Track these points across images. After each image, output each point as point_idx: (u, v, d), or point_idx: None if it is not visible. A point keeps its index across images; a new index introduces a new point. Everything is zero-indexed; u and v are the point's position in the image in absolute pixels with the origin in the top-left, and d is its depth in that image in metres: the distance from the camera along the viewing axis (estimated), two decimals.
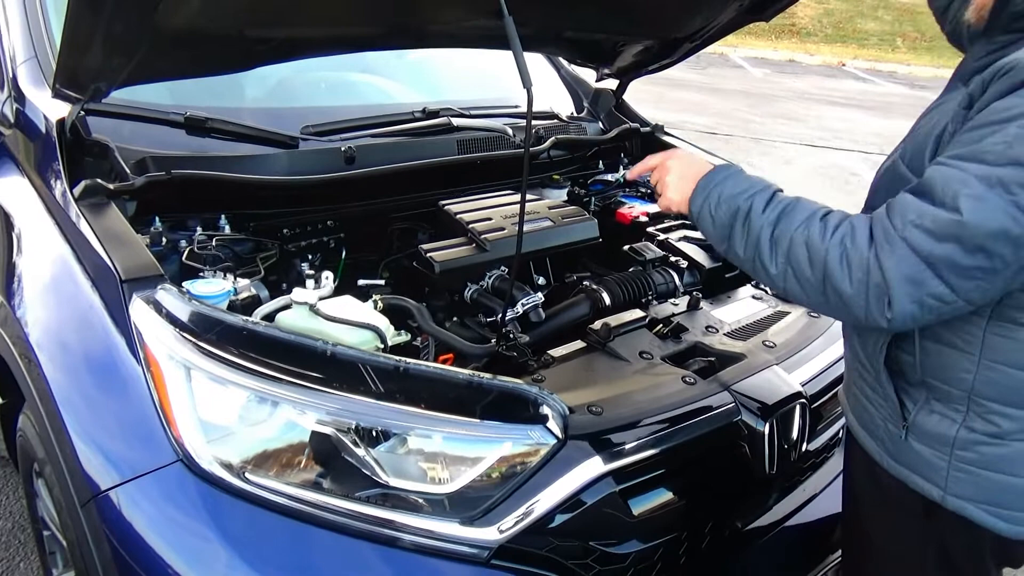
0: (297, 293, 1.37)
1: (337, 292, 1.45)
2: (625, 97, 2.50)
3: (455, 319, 1.63)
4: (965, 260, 0.89)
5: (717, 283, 1.81)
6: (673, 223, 2.01)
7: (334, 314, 1.35)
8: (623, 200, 2.11)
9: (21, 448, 1.58)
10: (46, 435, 1.29)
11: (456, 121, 1.95)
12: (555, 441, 1.19)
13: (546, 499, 1.17)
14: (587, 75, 2.61)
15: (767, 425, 1.36)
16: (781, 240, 1.02)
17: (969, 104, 0.96)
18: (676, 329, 1.56)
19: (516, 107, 2.27)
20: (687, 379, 1.38)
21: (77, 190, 1.42)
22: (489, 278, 1.64)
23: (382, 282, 1.65)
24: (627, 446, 1.23)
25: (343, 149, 1.75)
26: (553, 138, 2.11)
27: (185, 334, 1.18)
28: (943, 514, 1.08)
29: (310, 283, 1.44)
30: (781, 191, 1.10)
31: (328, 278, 1.47)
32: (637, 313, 1.60)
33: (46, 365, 1.29)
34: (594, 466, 1.20)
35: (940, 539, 1.12)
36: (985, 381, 1.02)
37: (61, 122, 1.49)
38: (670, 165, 1.22)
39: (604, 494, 1.22)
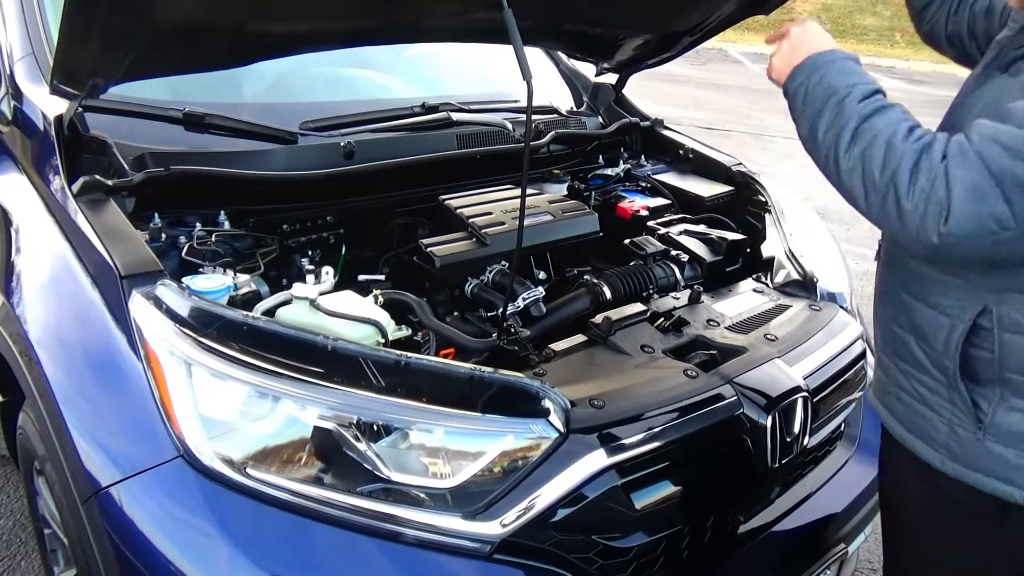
0: (297, 288, 1.36)
1: (337, 288, 1.45)
2: (624, 92, 2.49)
3: (455, 314, 1.62)
4: None
5: (718, 277, 1.81)
6: (674, 217, 2.01)
7: (335, 309, 1.34)
8: (623, 194, 2.10)
9: (21, 446, 1.57)
10: (46, 432, 1.28)
11: (455, 116, 1.94)
12: (557, 435, 1.18)
13: (548, 493, 1.16)
14: (586, 69, 2.61)
15: (769, 418, 1.35)
16: (864, 134, 1.00)
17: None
18: (677, 323, 1.56)
19: (515, 102, 2.26)
20: (689, 372, 1.38)
21: (76, 186, 1.41)
22: (489, 272, 1.63)
23: (382, 277, 1.64)
24: (629, 439, 1.23)
25: (342, 144, 1.74)
26: (553, 132, 2.10)
27: (185, 330, 1.17)
28: (1021, 517, 1.04)
29: (310, 278, 1.43)
30: (883, 92, 1.06)
31: (328, 273, 1.46)
32: (638, 307, 1.60)
33: (46, 362, 1.29)
34: (596, 460, 1.19)
35: (1016, 544, 1.07)
36: None
37: (59, 119, 1.48)
38: (792, 31, 1.18)
39: (606, 488, 1.21)
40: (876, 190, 0.97)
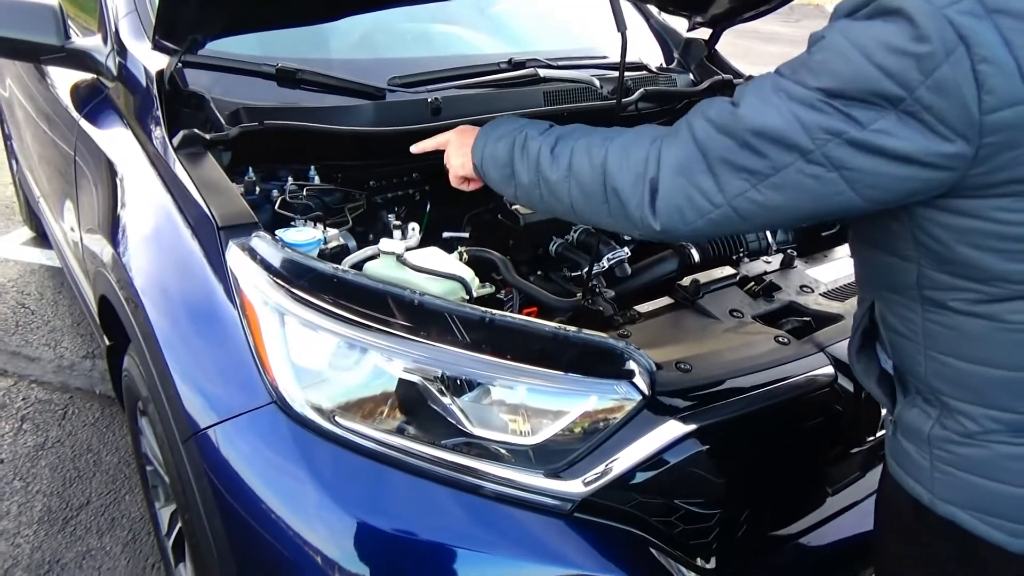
0: (384, 243, 1.38)
1: (422, 244, 1.46)
2: (716, 48, 2.39)
3: (539, 273, 1.61)
4: (734, 156, 0.84)
5: (813, 241, 1.73)
6: None
7: (421, 265, 1.35)
8: None
9: (126, 387, 1.66)
10: (150, 376, 1.35)
11: (543, 72, 1.91)
12: (641, 397, 1.16)
13: (631, 455, 1.15)
14: (677, 25, 2.51)
15: (865, 391, 1.29)
16: (562, 151, 1.00)
17: None
18: (768, 287, 1.50)
19: (603, 58, 2.20)
20: (780, 339, 1.33)
21: (176, 140, 1.46)
22: (574, 232, 1.61)
23: (466, 235, 1.64)
24: (716, 405, 1.20)
25: (429, 100, 1.73)
26: (642, 90, 2.04)
27: (279, 280, 1.20)
28: (935, 520, 0.96)
29: (397, 234, 1.45)
30: (555, 126, 1.08)
31: (415, 229, 1.47)
32: (727, 270, 1.55)
33: (150, 309, 1.35)
34: (681, 424, 1.17)
35: (929, 546, 0.99)
36: (935, 374, 0.92)
37: (160, 74, 1.52)
38: (449, 138, 1.24)
39: (690, 453, 1.19)
40: (594, 192, 0.96)
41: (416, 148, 1.36)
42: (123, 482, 2.23)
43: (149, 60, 1.63)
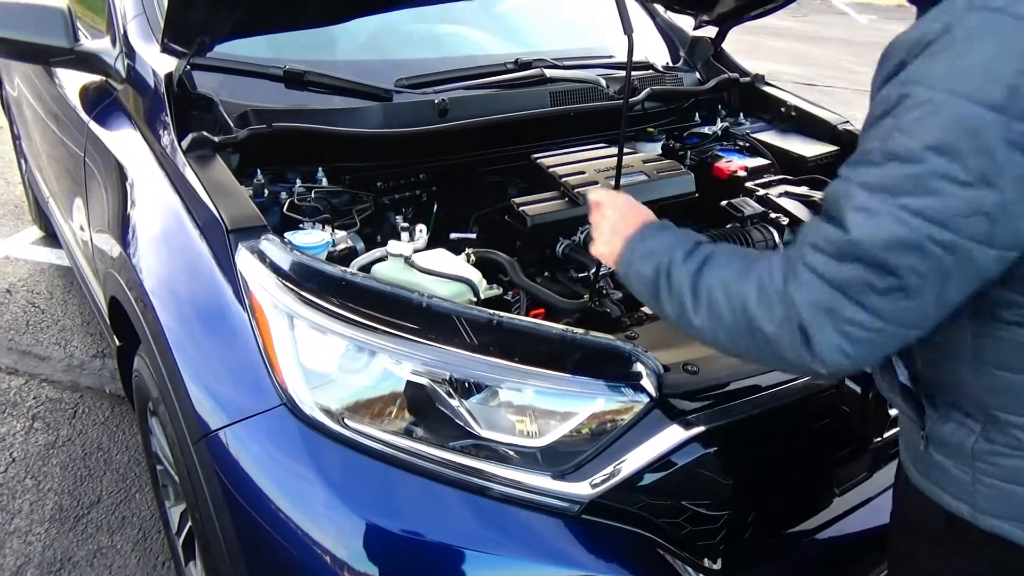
0: (392, 245, 1.39)
1: (429, 245, 1.46)
2: (723, 46, 2.39)
3: (545, 274, 1.61)
4: (873, 279, 0.76)
5: None
6: (774, 177, 1.92)
7: (428, 267, 1.36)
8: (720, 154, 2.03)
9: (137, 388, 1.68)
10: (160, 376, 1.36)
11: (549, 72, 1.91)
12: (649, 399, 1.17)
13: (638, 457, 1.15)
14: (683, 23, 2.51)
15: (872, 391, 1.30)
16: (701, 289, 0.91)
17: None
18: None
19: (609, 57, 2.20)
20: None
21: (185, 143, 1.47)
22: (581, 233, 1.61)
23: (474, 236, 1.65)
24: (723, 407, 1.20)
25: (436, 102, 1.74)
26: (648, 89, 2.04)
27: (288, 283, 1.21)
28: (973, 533, 0.92)
29: (404, 235, 1.45)
30: (705, 241, 0.99)
31: (422, 231, 1.48)
32: None
33: (159, 310, 1.36)
34: (689, 426, 1.18)
35: (965, 561, 0.97)
36: (986, 388, 0.88)
37: (169, 76, 1.53)
38: (608, 214, 1.13)
39: (698, 455, 1.19)
40: (740, 333, 0.87)
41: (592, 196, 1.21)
42: (133, 481, 2.25)
43: (158, 62, 1.64)
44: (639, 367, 1.18)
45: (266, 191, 1.51)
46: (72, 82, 2.11)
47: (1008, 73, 0.68)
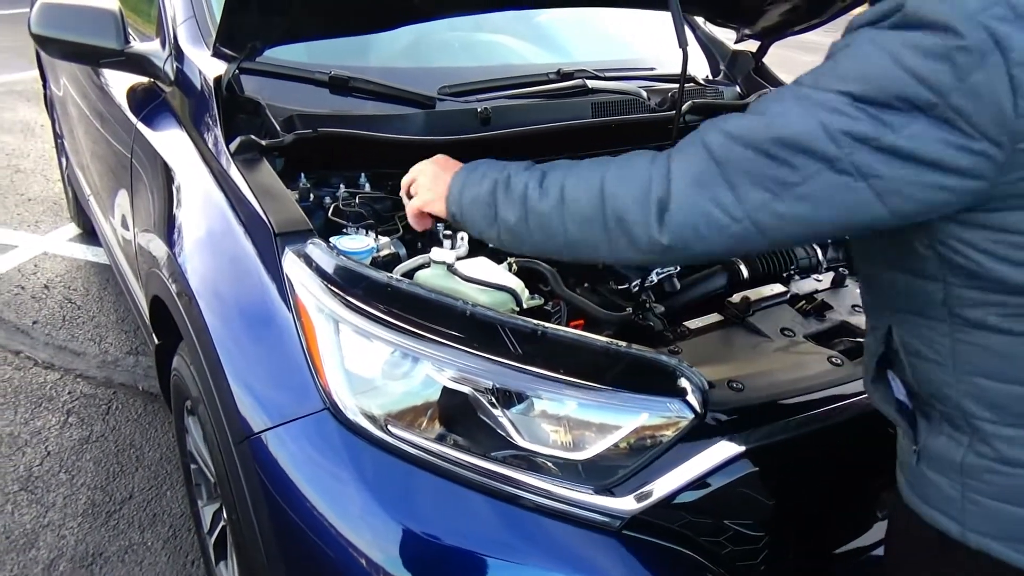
0: (435, 252, 1.38)
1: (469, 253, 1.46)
2: (764, 61, 2.37)
3: (585, 285, 1.61)
4: (757, 166, 0.80)
5: None
6: None
7: (471, 275, 1.36)
8: None
9: (175, 386, 1.69)
10: (203, 376, 1.37)
11: (591, 83, 1.91)
12: (694, 415, 1.15)
13: (683, 474, 1.14)
14: (724, 36, 2.50)
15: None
16: (550, 183, 0.95)
17: None
18: (820, 306, 1.48)
19: (650, 69, 2.20)
20: (834, 360, 1.31)
21: (233, 146, 1.48)
22: None
23: None
24: (769, 426, 1.19)
25: (479, 110, 1.74)
26: (690, 102, 2.03)
27: (333, 288, 1.22)
28: (963, 552, 0.91)
29: (447, 243, 1.45)
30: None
31: (464, 238, 1.48)
32: (778, 288, 1.53)
33: (205, 311, 1.37)
34: (734, 444, 1.16)
35: None
36: (968, 396, 0.88)
37: (218, 80, 1.55)
38: (423, 168, 1.17)
39: (742, 473, 1.18)
40: (592, 218, 0.90)
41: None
42: (164, 478, 2.27)
43: (206, 65, 1.66)
44: (684, 383, 1.16)
45: (311, 195, 1.52)
46: (119, 83, 2.15)
47: (934, 48, 0.73)
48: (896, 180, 0.77)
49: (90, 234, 3.58)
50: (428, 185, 1.16)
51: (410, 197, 1.26)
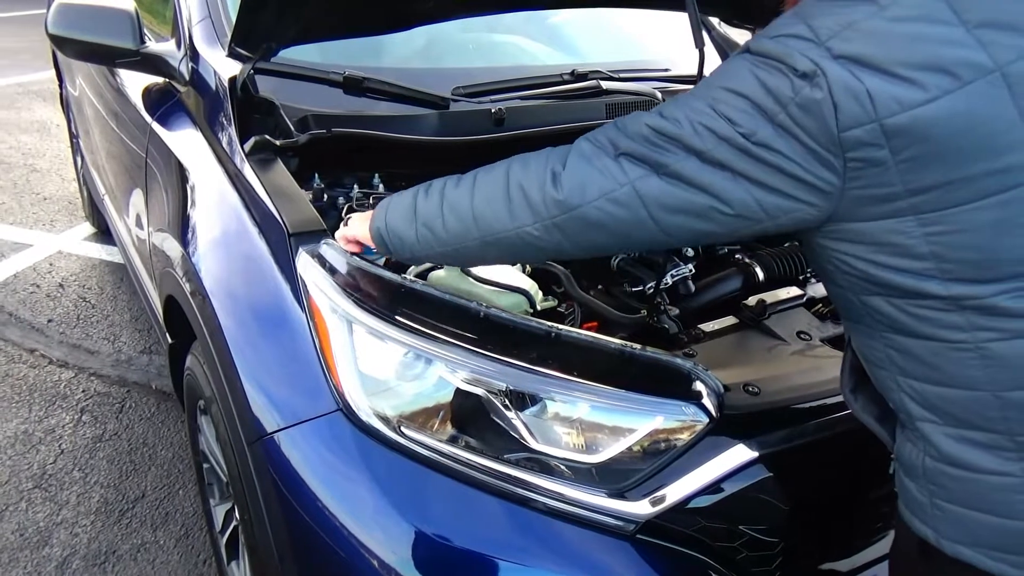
0: None
1: None
2: None
3: (599, 287, 1.60)
4: (638, 148, 0.92)
5: None
6: None
7: (484, 276, 1.35)
8: None
9: (188, 386, 1.69)
10: (216, 376, 1.37)
11: (605, 84, 1.90)
12: (709, 420, 1.14)
13: (698, 478, 1.13)
14: (738, 36, 2.48)
15: None
16: (466, 177, 1.07)
17: None
18: (837, 311, 1.46)
19: (665, 70, 2.18)
20: None
21: (247, 146, 1.48)
22: None
23: None
24: (786, 431, 1.17)
25: (493, 111, 1.74)
26: None
27: (347, 288, 1.21)
28: (941, 558, 0.92)
29: None
30: None
31: None
32: (794, 291, 1.52)
33: (219, 311, 1.37)
34: (749, 448, 1.15)
35: None
36: (909, 399, 0.92)
37: (233, 80, 1.55)
38: (353, 217, 1.26)
39: (757, 478, 1.16)
40: (500, 197, 1.01)
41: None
42: (177, 477, 2.27)
43: (221, 66, 1.67)
44: (699, 386, 1.16)
45: (325, 195, 1.52)
46: (135, 83, 2.16)
47: (777, 67, 0.85)
48: (749, 170, 0.86)
49: (105, 233, 3.60)
50: (356, 222, 1.25)
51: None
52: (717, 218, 0.90)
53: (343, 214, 1.47)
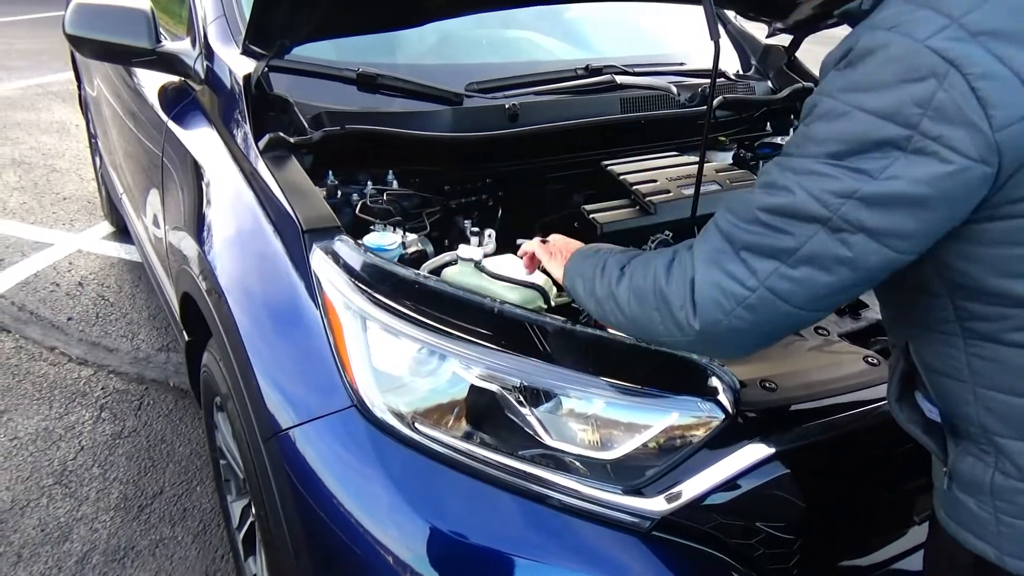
0: (463, 250, 1.38)
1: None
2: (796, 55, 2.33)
3: None
4: (758, 238, 0.84)
5: None
6: None
7: (498, 272, 1.35)
8: None
9: (204, 383, 1.70)
10: (232, 373, 1.37)
11: (620, 79, 1.89)
12: (725, 416, 1.13)
13: (714, 475, 1.12)
14: (755, 30, 2.45)
15: None
16: (627, 270, 1.01)
17: None
18: (855, 305, 1.45)
19: (679, 64, 2.17)
20: (870, 359, 1.28)
21: (262, 143, 1.48)
22: (652, 242, 1.58)
23: None
24: (803, 427, 1.16)
25: (507, 107, 1.73)
26: (720, 97, 2.00)
27: (361, 285, 1.21)
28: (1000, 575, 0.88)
29: (474, 240, 1.45)
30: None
31: (491, 236, 1.47)
32: None
33: (234, 308, 1.38)
34: (766, 445, 1.13)
35: None
36: (986, 412, 0.86)
37: (247, 77, 1.56)
38: (552, 249, 1.24)
39: (774, 475, 1.15)
40: (647, 300, 0.95)
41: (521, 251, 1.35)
42: (194, 473, 2.29)
43: (235, 64, 1.67)
44: (715, 382, 1.15)
45: (339, 192, 1.52)
46: (151, 83, 2.17)
47: (890, 82, 0.74)
48: (888, 224, 0.77)
49: (123, 232, 3.64)
50: (553, 261, 1.23)
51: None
52: (863, 287, 0.83)
53: (357, 211, 1.47)
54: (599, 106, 1.85)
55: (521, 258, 1.34)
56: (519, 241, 1.36)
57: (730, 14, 2.45)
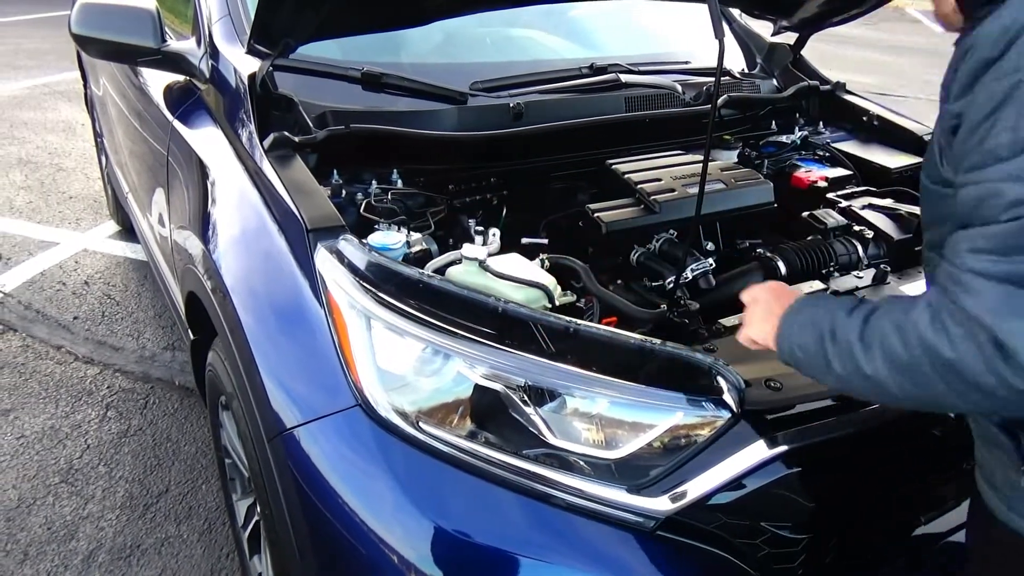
0: (467, 249, 1.38)
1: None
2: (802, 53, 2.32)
3: (619, 282, 1.59)
4: None
5: (907, 257, 1.66)
6: (856, 189, 1.86)
7: (503, 271, 1.35)
8: (799, 163, 1.97)
9: (209, 382, 1.71)
10: (236, 372, 1.38)
11: (624, 77, 1.89)
12: (730, 415, 1.13)
13: (719, 474, 1.12)
14: (760, 28, 2.45)
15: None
16: (871, 336, 0.87)
17: (945, 98, 0.83)
18: None
19: (684, 63, 2.16)
20: None
21: (267, 142, 1.49)
22: (657, 241, 1.58)
23: (545, 241, 1.63)
24: (808, 426, 1.16)
25: (512, 106, 1.73)
26: (726, 96, 1.99)
27: (365, 284, 1.21)
28: None
29: (478, 239, 1.44)
30: (864, 300, 0.96)
31: (496, 235, 1.47)
32: (817, 285, 1.50)
33: (239, 307, 1.38)
34: (771, 444, 1.13)
35: None
36: None
37: (252, 77, 1.56)
38: (758, 295, 1.11)
39: (779, 475, 1.15)
40: (923, 374, 0.82)
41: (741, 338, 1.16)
42: (200, 472, 2.29)
43: (240, 63, 1.68)
44: (720, 381, 1.14)
45: (343, 192, 1.52)
46: (156, 82, 2.18)
47: None
48: None
49: (129, 231, 3.65)
50: (759, 322, 1.09)
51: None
52: None
53: (361, 211, 1.47)
54: (604, 105, 1.85)
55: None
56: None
57: (735, 12, 2.44)
